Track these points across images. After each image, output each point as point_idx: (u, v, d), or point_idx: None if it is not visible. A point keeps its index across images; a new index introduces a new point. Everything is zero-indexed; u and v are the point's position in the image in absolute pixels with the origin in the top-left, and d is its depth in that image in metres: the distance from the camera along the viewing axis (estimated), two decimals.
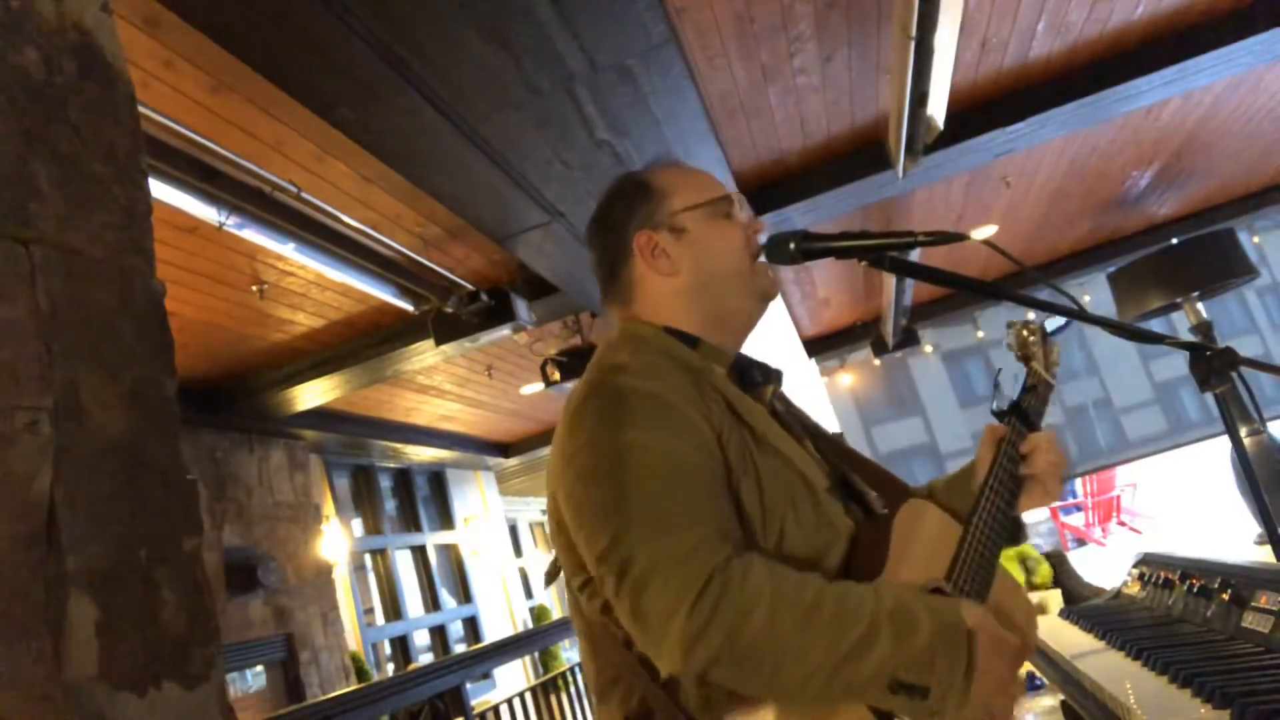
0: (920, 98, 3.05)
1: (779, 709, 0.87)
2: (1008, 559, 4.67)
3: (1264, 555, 3.99)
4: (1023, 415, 1.19)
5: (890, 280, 5.52)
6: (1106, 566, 7.38)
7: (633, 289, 1.14)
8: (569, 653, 8.15)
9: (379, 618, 6.41)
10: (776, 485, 0.99)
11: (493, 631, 7.62)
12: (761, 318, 1.17)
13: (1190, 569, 1.90)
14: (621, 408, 0.96)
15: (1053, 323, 1.30)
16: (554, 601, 10.00)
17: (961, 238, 1.08)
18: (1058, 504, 10.41)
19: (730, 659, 0.82)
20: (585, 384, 1.03)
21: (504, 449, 8.25)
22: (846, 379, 7.59)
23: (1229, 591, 1.65)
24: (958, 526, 1.06)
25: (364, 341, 4.46)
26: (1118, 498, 10.08)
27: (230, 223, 2.77)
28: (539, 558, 10.66)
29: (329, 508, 5.93)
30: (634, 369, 1.00)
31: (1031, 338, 1.28)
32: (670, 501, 0.91)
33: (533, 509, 11.25)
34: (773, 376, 1.13)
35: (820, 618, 0.84)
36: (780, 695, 0.86)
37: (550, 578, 1.11)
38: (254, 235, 2.93)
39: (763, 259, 1.14)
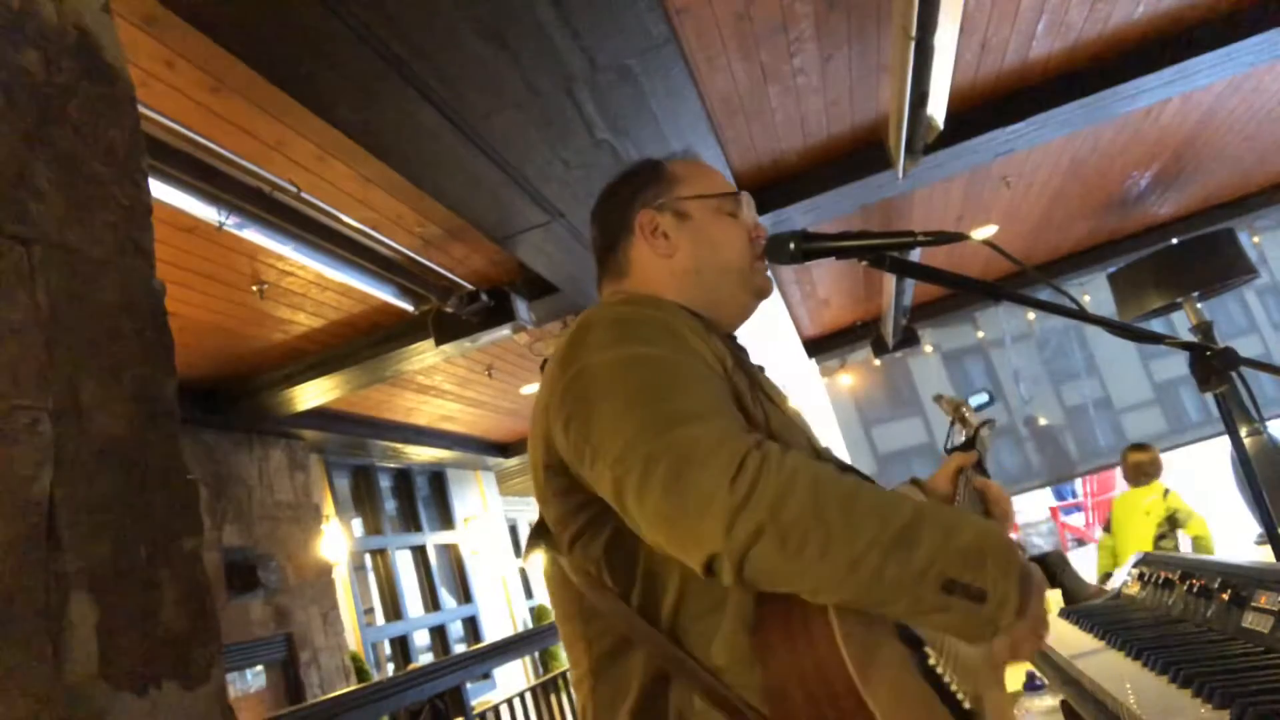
0: (920, 98, 3.05)
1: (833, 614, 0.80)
2: (1148, 515, 4.78)
3: (1264, 555, 3.99)
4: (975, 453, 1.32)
5: (890, 280, 5.52)
6: None
7: (629, 264, 1.14)
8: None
9: (379, 618, 6.41)
10: (782, 425, 0.97)
11: (493, 631, 7.62)
12: (753, 312, 1.17)
13: (1190, 569, 1.89)
14: (624, 329, 0.93)
15: (976, 399, 1.55)
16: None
17: (961, 238, 1.08)
18: (1057, 504, 10.41)
19: (775, 531, 0.76)
20: (580, 321, 0.98)
21: (504, 449, 8.25)
22: (846, 379, 7.59)
23: (1229, 591, 1.65)
24: None
25: (364, 341, 4.46)
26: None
27: (230, 223, 2.77)
28: (539, 557, 10.65)
29: (329, 508, 5.93)
30: (635, 300, 0.99)
31: (962, 405, 1.53)
32: (691, 397, 0.86)
33: (533, 509, 11.22)
34: (759, 369, 1.14)
35: (865, 501, 0.79)
36: (826, 584, 0.78)
37: (529, 551, 1.06)
38: (254, 235, 2.93)
39: (761, 261, 1.14)
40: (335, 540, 5.71)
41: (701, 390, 0.88)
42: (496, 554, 8.37)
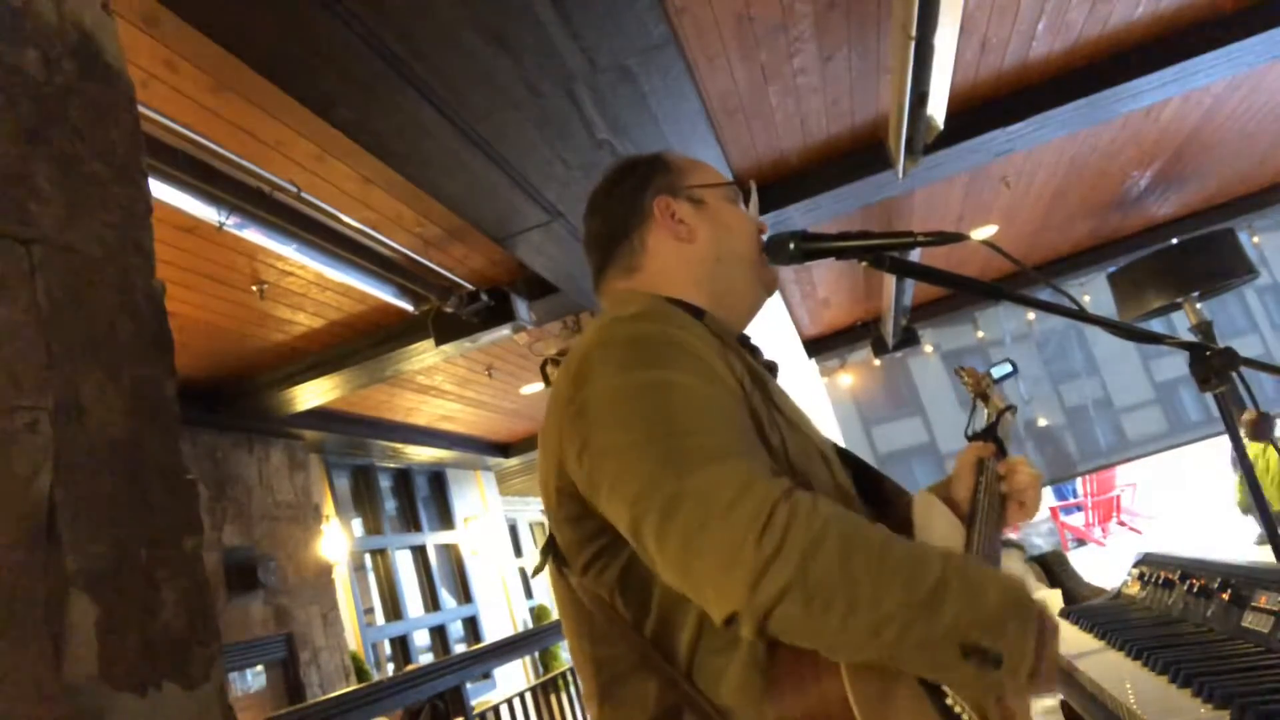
0: (920, 98, 3.05)
1: (846, 674, 0.78)
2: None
3: (1264, 555, 3.98)
4: (996, 440, 1.25)
5: (890, 280, 5.52)
6: (1106, 566, 7.38)
7: (643, 255, 1.10)
8: (569, 652, 8.15)
9: (379, 618, 6.41)
10: (800, 450, 0.95)
11: (493, 631, 7.62)
12: (761, 309, 1.16)
13: (1190, 569, 1.89)
14: (642, 351, 0.88)
15: (998, 370, 1.48)
16: (554, 601, 9.99)
17: (961, 238, 1.08)
18: (1057, 504, 10.41)
19: (802, 592, 0.73)
20: (593, 337, 0.93)
21: (504, 449, 8.25)
22: (846, 379, 7.60)
23: (1229, 591, 1.65)
24: (961, 524, 1.06)
25: (364, 341, 4.46)
26: (1118, 498, 10.07)
27: (230, 223, 2.77)
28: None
29: (329, 508, 5.93)
30: (649, 316, 0.93)
31: (984, 379, 1.44)
32: (715, 432, 0.81)
33: (533, 509, 11.25)
34: (773, 369, 1.13)
35: (894, 558, 0.76)
36: (847, 646, 0.75)
37: (539, 568, 1.03)
38: (254, 235, 2.93)
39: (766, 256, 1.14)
40: (335, 540, 5.71)
41: (725, 422, 0.84)
42: (496, 554, 8.37)
